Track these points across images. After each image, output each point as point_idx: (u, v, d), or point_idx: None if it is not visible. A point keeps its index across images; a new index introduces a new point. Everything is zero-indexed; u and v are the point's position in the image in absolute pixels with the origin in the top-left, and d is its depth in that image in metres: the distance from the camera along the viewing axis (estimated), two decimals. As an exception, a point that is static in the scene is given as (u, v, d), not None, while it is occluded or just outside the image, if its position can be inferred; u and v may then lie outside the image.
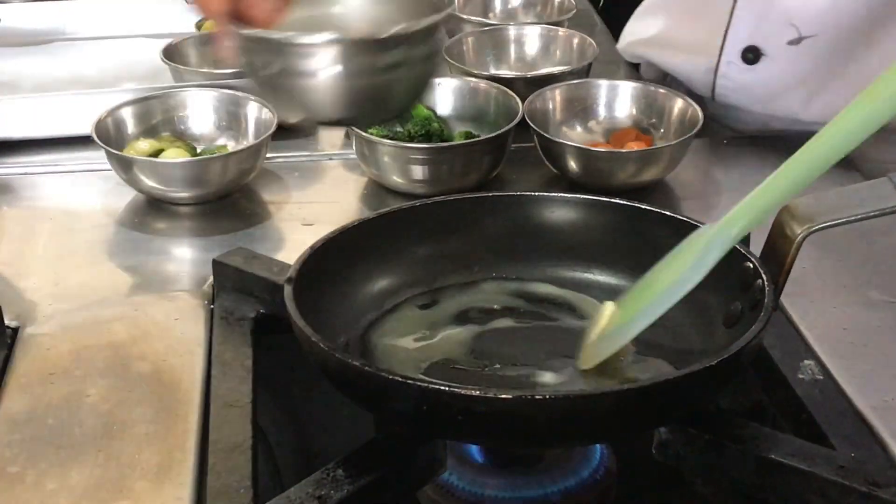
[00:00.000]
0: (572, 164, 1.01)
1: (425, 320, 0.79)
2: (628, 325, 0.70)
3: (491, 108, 1.09)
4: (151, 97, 1.08)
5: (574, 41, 1.26)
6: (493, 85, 1.10)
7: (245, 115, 1.08)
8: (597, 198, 0.83)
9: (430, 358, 0.75)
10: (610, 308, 0.72)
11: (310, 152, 1.13)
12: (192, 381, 0.76)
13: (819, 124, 0.65)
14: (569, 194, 0.84)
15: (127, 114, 1.06)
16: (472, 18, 1.35)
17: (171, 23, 1.43)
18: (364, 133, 1.01)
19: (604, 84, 1.10)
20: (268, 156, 1.04)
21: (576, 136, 1.08)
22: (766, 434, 0.66)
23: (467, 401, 0.61)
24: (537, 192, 0.84)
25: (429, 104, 1.09)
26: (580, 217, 0.83)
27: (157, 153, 1.02)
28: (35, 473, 0.67)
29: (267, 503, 0.61)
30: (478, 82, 1.11)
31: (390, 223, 0.82)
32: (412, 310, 0.80)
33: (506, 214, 0.83)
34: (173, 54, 1.23)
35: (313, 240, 0.77)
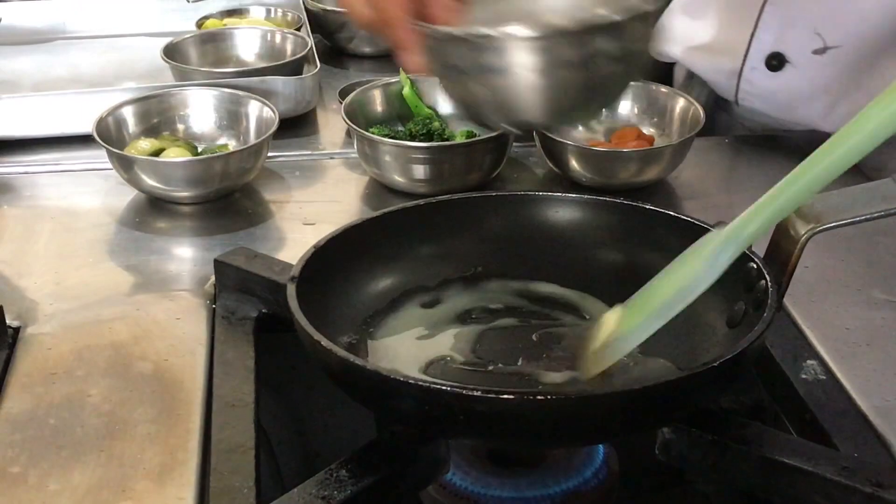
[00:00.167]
0: (574, 164, 1.00)
1: (427, 319, 0.79)
2: (635, 331, 0.68)
3: (492, 107, 1.09)
4: (152, 96, 1.08)
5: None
6: (495, 84, 1.10)
7: (246, 114, 1.08)
8: (598, 197, 0.83)
9: (432, 357, 0.75)
10: (614, 315, 0.70)
11: (311, 151, 1.13)
12: (194, 380, 0.76)
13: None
14: (571, 194, 0.84)
15: (128, 113, 1.06)
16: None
17: (172, 21, 1.43)
18: (366, 132, 1.01)
19: (605, 83, 1.10)
20: (269, 155, 1.04)
21: (577, 135, 1.08)
22: (769, 434, 0.66)
23: (469, 401, 0.60)
24: (540, 192, 0.84)
25: (430, 103, 1.09)
26: (582, 216, 0.83)
27: (158, 152, 1.02)
28: (37, 474, 0.67)
29: None
30: (479, 81, 1.11)
31: (393, 222, 0.81)
32: (414, 309, 0.80)
33: (509, 214, 0.83)
34: (174, 53, 1.24)
35: (314, 239, 0.77)
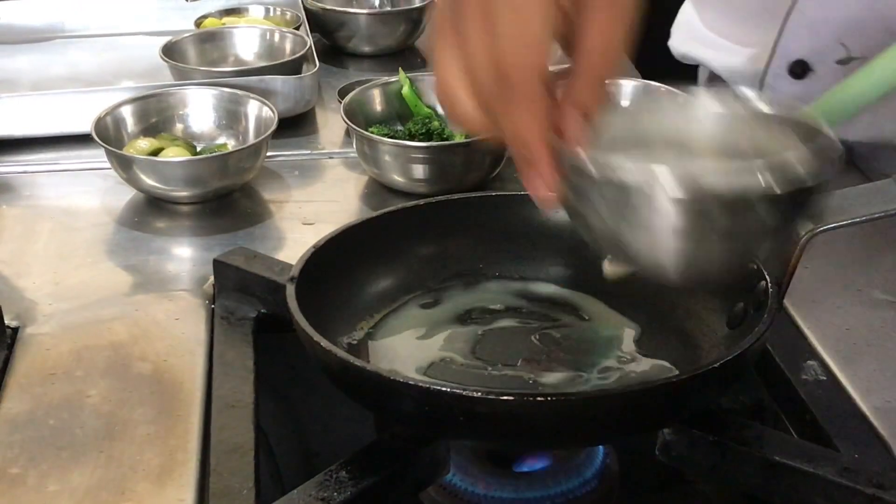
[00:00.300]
0: (574, 163, 1.00)
1: (427, 320, 0.79)
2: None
3: (492, 106, 1.08)
4: (151, 95, 1.08)
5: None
6: (494, 83, 1.10)
7: (245, 114, 1.08)
8: (599, 198, 0.83)
9: (432, 358, 0.74)
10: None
11: (310, 151, 1.13)
12: (193, 381, 0.75)
13: (861, 144, 0.64)
14: (571, 194, 0.84)
15: (126, 112, 1.06)
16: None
17: (171, 20, 1.43)
18: (366, 132, 1.00)
19: (604, 83, 1.10)
20: (268, 154, 1.03)
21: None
22: (770, 435, 0.66)
23: (469, 402, 0.60)
24: None
25: (429, 102, 1.08)
26: (582, 216, 0.83)
27: (157, 152, 1.02)
28: (36, 475, 0.67)
29: (270, 505, 0.61)
30: (479, 81, 1.11)
31: (393, 222, 0.81)
32: (414, 309, 0.80)
33: (509, 214, 0.83)
34: (173, 52, 1.23)
35: (314, 239, 0.77)
